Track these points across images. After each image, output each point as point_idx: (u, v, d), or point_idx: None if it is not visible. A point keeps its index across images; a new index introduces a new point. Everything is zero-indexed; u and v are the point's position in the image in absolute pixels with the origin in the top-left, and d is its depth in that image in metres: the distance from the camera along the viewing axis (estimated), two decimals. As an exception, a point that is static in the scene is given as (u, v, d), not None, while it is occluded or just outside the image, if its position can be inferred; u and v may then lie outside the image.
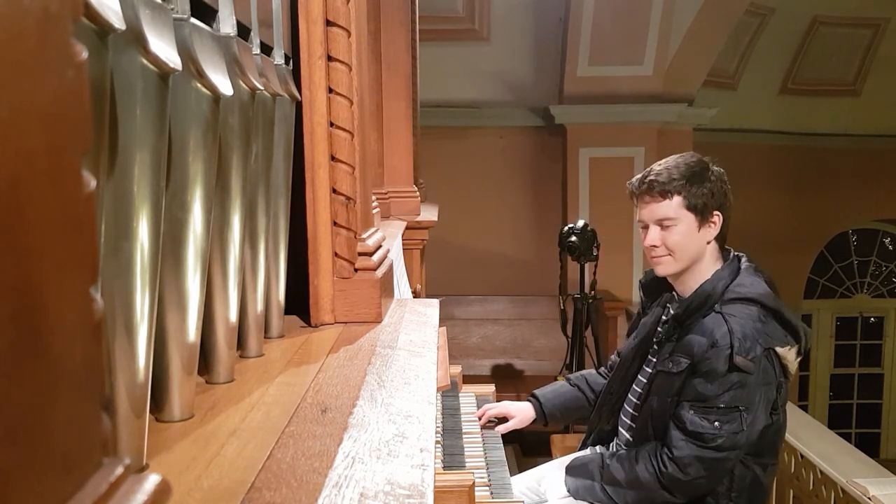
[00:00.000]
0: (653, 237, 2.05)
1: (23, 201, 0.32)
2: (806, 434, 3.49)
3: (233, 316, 1.06)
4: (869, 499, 2.88)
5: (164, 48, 0.74)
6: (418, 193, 3.17)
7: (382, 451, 0.85)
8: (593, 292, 4.45)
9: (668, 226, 2.02)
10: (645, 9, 5.50)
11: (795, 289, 7.40)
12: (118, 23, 0.62)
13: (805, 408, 6.79)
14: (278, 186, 1.28)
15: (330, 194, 1.42)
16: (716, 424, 1.90)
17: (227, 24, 1.02)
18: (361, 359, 1.22)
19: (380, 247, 1.58)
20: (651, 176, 2.04)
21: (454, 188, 5.74)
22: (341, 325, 1.44)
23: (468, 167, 6.14)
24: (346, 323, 1.45)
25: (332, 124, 1.41)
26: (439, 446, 2.03)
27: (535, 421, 2.42)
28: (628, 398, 2.21)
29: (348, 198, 1.43)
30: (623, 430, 2.22)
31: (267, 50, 1.24)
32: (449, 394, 2.45)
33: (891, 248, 7.97)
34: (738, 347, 1.88)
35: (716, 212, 2.03)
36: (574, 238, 4.21)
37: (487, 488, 1.94)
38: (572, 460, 2.17)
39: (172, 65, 0.73)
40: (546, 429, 3.94)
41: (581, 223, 4.31)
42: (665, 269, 2.08)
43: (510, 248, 6.25)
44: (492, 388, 2.66)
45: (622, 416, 2.23)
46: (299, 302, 1.46)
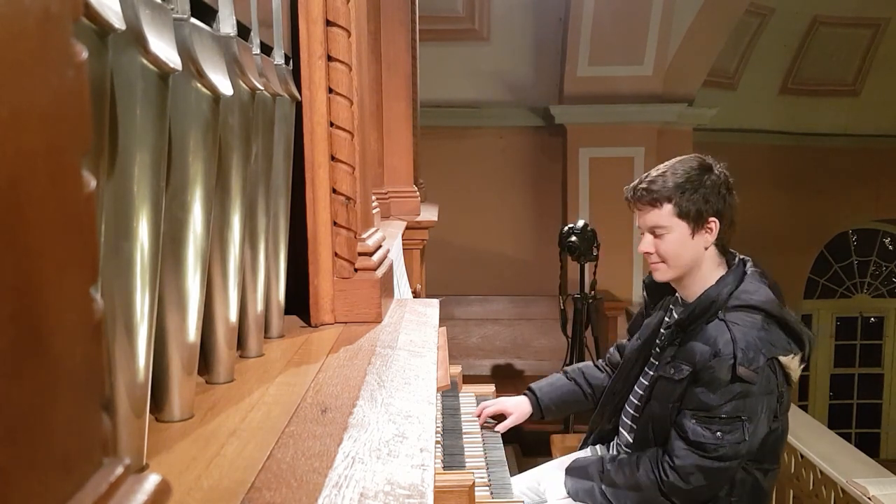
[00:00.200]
0: (646, 244, 2.05)
1: (23, 201, 0.32)
2: (806, 434, 3.49)
3: (233, 316, 1.06)
4: (869, 499, 2.88)
5: (164, 48, 0.74)
6: (418, 193, 3.17)
7: (382, 451, 0.85)
8: (593, 292, 4.45)
9: (661, 234, 2.01)
10: (645, 9, 5.50)
11: (795, 289, 7.40)
12: (118, 23, 0.62)
13: (805, 408, 6.79)
14: (278, 186, 1.28)
15: (330, 194, 1.42)
16: (718, 434, 1.89)
17: (227, 24, 1.02)
18: (361, 359, 1.22)
19: (380, 247, 1.58)
20: (643, 184, 2.02)
21: (454, 188, 5.74)
22: (341, 325, 1.44)
23: (468, 167, 6.14)
24: (346, 323, 1.45)
25: (332, 124, 1.41)
26: (439, 446, 2.03)
27: (531, 415, 2.40)
28: (629, 399, 2.20)
29: (348, 198, 1.43)
30: (624, 431, 2.22)
31: (267, 50, 1.24)
32: (449, 394, 2.45)
33: (891, 248, 7.97)
34: (742, 358, 1.86)
35: (711, 218, 1.98)
36: (574, 238, 4.21)
37: (487, 488, 1.94)
38: (572, 462, 2.16)
39: (172, 65, 0.73)
40: (546, 428, 3.96)
41: (581, 223, 4.31)
42: (661, 276, 2.08)
43: (510, 248, 6.25)
44: (492, 388, 2.66)
45: (623, 416, 2.23)
46: (299, 302, 1.46)
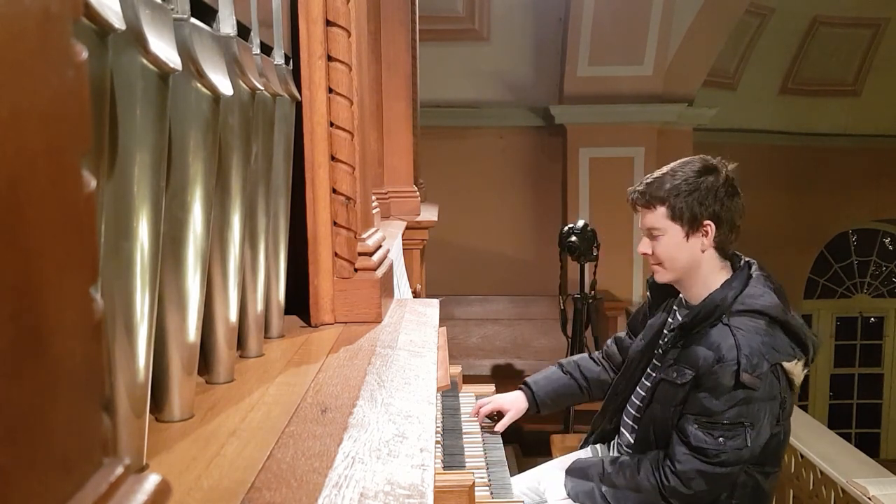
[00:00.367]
0: (643, 246, 2.07)
1: (23, 201, 0.32)
2: (806, 434, 3.49)
3: (233, 316, 1.06)
4: (869, 499, 2.88)
5: (164, 48, 0.74)
6: (418, 193, 3.17)
7: (382, 451, 0.85)
8: (593, 292, 4.44)
9: (656, 235, 2.02)
10: (645, 9, 5.50)
11: (795, 289, 7.40)
12: (118, 23, 0.62)
13: (805, 408, 6.79)
14: (278, 186, 1.28)
15: (330, 194, 1.42)
16: (720, 440, 1.89)
17: (227, 24, 1.02)
18: (361, 359, 1.22)
19: (380, 247, 1.58)
20: (641, 186, 2.03)
21: (454, 188, 5.74)
22: (341, 325, 1.44)
23: (468, 167, 6.14)
24: (346, 323, 1.44)
25: (332, 124, 1.41)
26: (439, 446, 2.03)
27: (527, 410, 2.39)
28: (631, 400, 2.20)
29: (348, 198, 1.43)
30: (625, 431, 2.22)
31: (267, 50, 1.24)
32: (449, 394, 2.45)
33: (891, 248, 7.98)
34: (745, 364, 1.85)
35: (707, 221, 1.97)
36: (574, 238, 4.21)
37: (487, 488, 1.94)
38: (573, 463, 2.16)
39: (172, 65, 0.73)
40: (546, 428, 3.96)
41: (581, 223, 4.31)
42: (660, 278, 2.09)
43: (510, 248, 6.25)
44: (492, 388, 2.65)
45: (624, 416, 2.23)
46: (299, 302, 1.45)
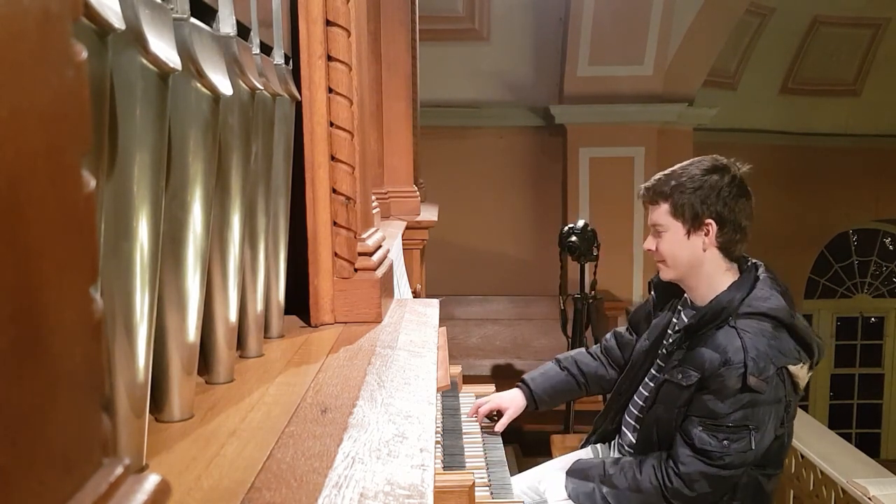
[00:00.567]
0: (648, 242, 2.09)
1: (23, 201, 0.32)
2: (806, 434, 3.49)
3: (233, 316, 1.06)
4: (869, 499, 2.88)
5: (164, 48, 0.74)
6: (418, 193, 3.17)
7: (382, 451, 0.85)
8: (593, 292, 4.44)
9: (660, 232, 2.04)
10: (645, 9, 5.50)
11: (796, 289, 7.40)
12: (118, 23, 0.62)
13: (805, 408, 6.78)
14: (278, 186, 1.28)
15: (330, 194, 1.42)
16: (724, 443, 1.89)
17: (226, 24, 1.02)
18: (361, 359, 1.22)
19: (380, 247, 1.58)
20: (650, 182, 2.06)
21: (454, 188, 5.74)
22: (341, 325, 1.44)
23: (468, 167, 6.14)
24: (346, 323, 1.44)
25: (332, 124, 1.41)
26: (439, 446, 2.03)
27: (525, 407, 2.39)
28: (634, 400, 2.20)
29: (348, 198, 1.43)
30: (627, 431, 2.22)
31: (267, 50, 1.24)
32: (449, 394, 2.45)
33: (891, 248, 7.97)
34: (752, 367, 1.85)
35: (708, 220, 1.97)
36: (574, 238, 4.21)
37: (487, 488, 1.93)
38: (574, 463, 2.16)
39: (172, 65, 0.73)
40: (546, 428, 3.95)
41: (581, 223, 4.31)
42: (663, 275, 2.11)
43: (510, 248, 6.25)
44: (492, 388, 2.65)
45: (626, 416, 2.23)
46: (299, 302, 1.45)
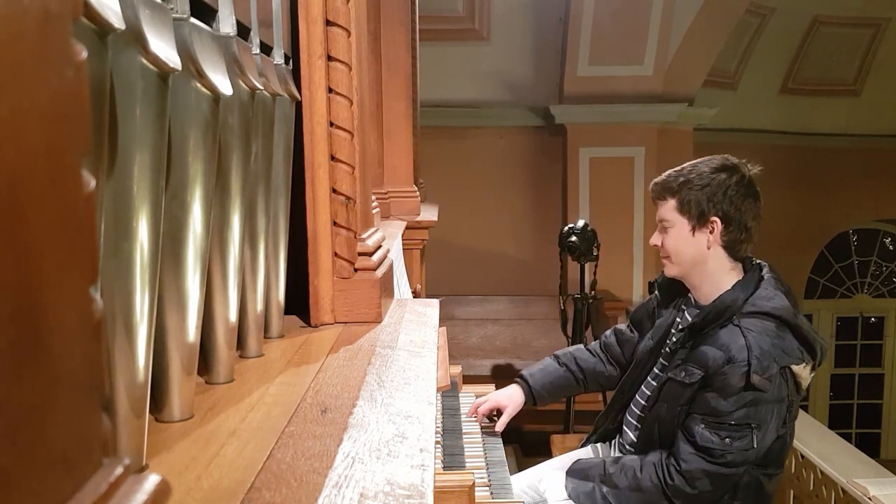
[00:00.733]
0: (654, 238, 2.11)
1: (23, 201, 0.32)
2: (806, 434, 3.49)
3: (233, 316, 1.06)
4: (869, 499, 2.88)
5: (164, 48, 0.74)
6: (418, 193, 3.17)
7: (382, 451, 0.85)
8: (593, 292, 4.44)
9: (666, 227, 2.06)
10: (645, 9, 5.50)
11: (796, 289, 7.39)
12: (118, 23, 0.62)
13: (805, 408, 6.78)
14: (278, 186, 1.28)
15: (330, 194, 1.42)
16: (726, 440, 1.89)
17: (226, 24, 1.02)
18: (361, 359, 1.22)
19: (380, 247, 1.58)
20: (659, 178, 2.08)
21: (454, 188, 5.74)
22: (341, 325, 1.44)
23: (468, 167, 6.14)
24: (346, 323, 1.44)
25: (332, 124, 1.41)
26: (439, 446, 2.03)
27: (524, 403, 2.38)
28: (636, 399, 2.20)
29: (348, 198, 1.43)
30: (628, 430, 2.22)
31: (267, 50, 1.24)
32: (449, 394, 2.45)
33: (891, 248, 7.97)
34: (756, 365, 1.86)
35: (714, 217, 1.98)
36: (574, 238, 4.21)
37: (487, 488, 1.93)
38: (574, 463, 2.16)
39: (172, 65, 0.73)
40: (546, 428, 3.95)
41: (581, 223, 4.31)
42: (668, 271, 2.12)
43: (510, 248, 6.25)
44: (492, 388, 2.65)
45: (628, 415, 2.23)
46: (299, 302, 1.45)
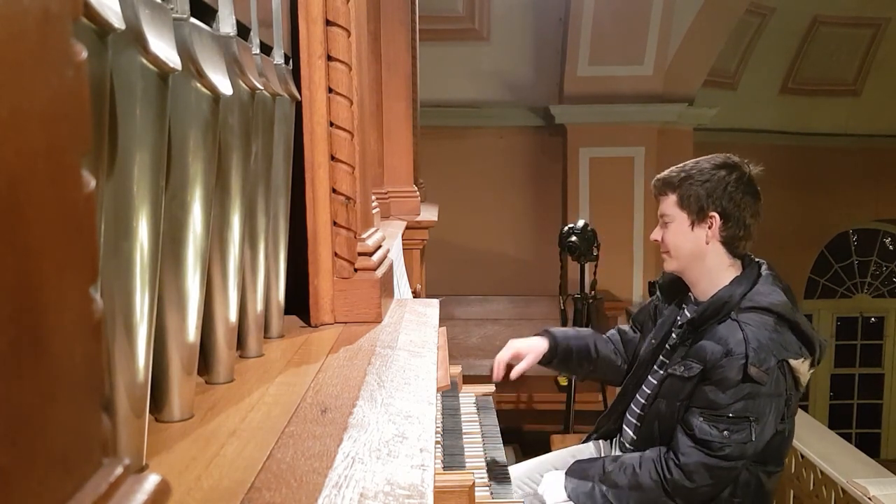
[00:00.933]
0: (654, 233, 2.14)
1: (23, 201, 0.32)
2: (806, 434, 3.49)
3: (232, 316, 1.06)
4: (869, 499, 2.89)
5: (164, 48, 0.74)
6: (418, 193, 3.17)
7: (382, 451, 0.85)
8: (593, 292, 4.44)
9: (666, 223, 2.09)
10: (645, 9, 5.50)
11: (796, 289, 7.39)
12: (118, 23, 0.62)
13: (805, 408, 6.78)
14: (278, 186, 1.28)
15: (330, 194, 1.42)
16: (725, 433, 1.90)
17: (226, 24, 1.02)
18: (361, 359, 1.22)
19: (380, 247, 1.58)
20: (662, 174, 2.10)
21: (454, 188, 5.74)
22: (341, 325, 1.44)
23: (468, 167, 6.13)
24: (346, 323, 1.44)
25: (332, 124, 1.41)
26: (439, 446, 2.03)
27: (543, 358, 2.30)
28: (636, 398, 2.21)
29: (348, 198, 1.43)
30: (628, 429, 2.22)
31: (267, 50, 1.24)
32: (449, 394, 2.45)
33: (891, 248, 7.97)
34: (753, 357, 1.87)
35: (713, 213, 2.01)
36: (574, 238, 4.21)
37: (487, 488, 1.93)
38: (573, 464, 2.16)
39: (172, 65, 0.73)
40: (546, 428, 3.96)
41: (581, 223, 4.31)
42: (667, 266, 2.14)
43: (510, 248, 6.25)
44: (492, 387, 2.65)
45: (628, 414, 2.23)
46: (299, 302, 1.45)
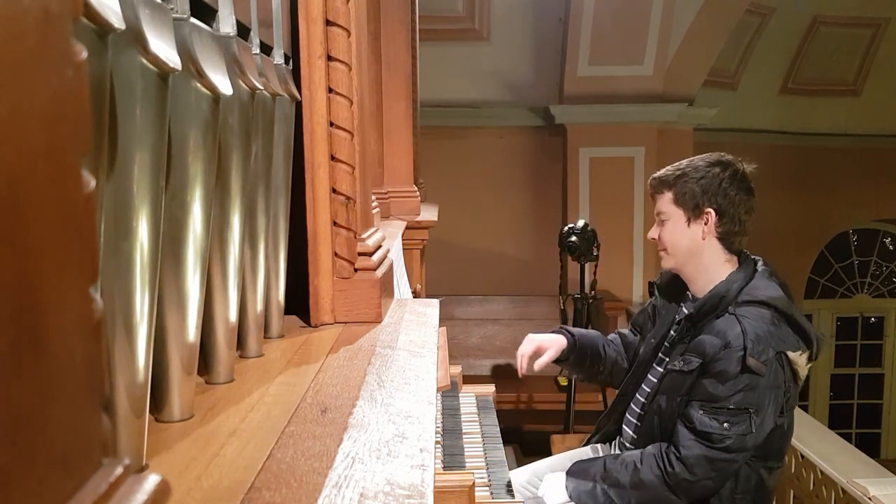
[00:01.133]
0: (652, 231, 2.16)
1: (23, 201, 0.32)
2: (806, 434, 3.49)
3: (232, 316, 1.06)
4: (869, 499, 2.88)
5: (164, 48, 0.74)
6: (418, 193, 3.17)
7: (382, 451, 0.85)
8: (593, 292, 4.44)
9: (663, 220, 2.11)
10: (645, 9, 5.50)
11: (796, 289, 7.40)
12: (118, 23, 0.62)
13: (805, 408, 6.79)
14: (278, 186, 1.28)
15: (330, 194, 1.42)
16: (725, 425, 1.91)
17: (226, 24, 1.02)
18: (361, 359, 1.22)
19: (380, 247, 1.58)
20: (658, 172, 2.13)
21: (454, 188, 5.74)
22: (341, 325, 1.44)
23: (468, 167, 6.13)
24: (346, 323, 1.44)
25: (332, 124, 1.41)
26: (439, 446, 2.03)
27: (561, 353, 2.33)
28: (636, 397, 2.21)
29: (348, 198, 1.43)
30: (627, 428, 2.22)
31: (267, 50, 1.24)
32: (449, 394, 2.45)
33: (891, 248, 7.97)
34: (752, 349, 1.88)
35: (708, 209, 2.03)
36: (574, 238, 4.21)
37: (487, 488, 1.94)
38: (574, 464, 2.16)
39: (172, 65, 0.73)
40: (546, 428, 3.96)
41: (581, 223, 4.31)
42: (664, 263, 2.16)
43: (510, 248, 6.25)
44: (492, 388, 2.65)
45: (628, 413, 2.24)
46: (299, 302, 1.45)
